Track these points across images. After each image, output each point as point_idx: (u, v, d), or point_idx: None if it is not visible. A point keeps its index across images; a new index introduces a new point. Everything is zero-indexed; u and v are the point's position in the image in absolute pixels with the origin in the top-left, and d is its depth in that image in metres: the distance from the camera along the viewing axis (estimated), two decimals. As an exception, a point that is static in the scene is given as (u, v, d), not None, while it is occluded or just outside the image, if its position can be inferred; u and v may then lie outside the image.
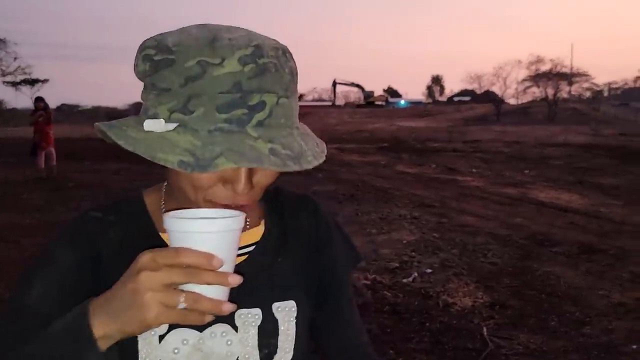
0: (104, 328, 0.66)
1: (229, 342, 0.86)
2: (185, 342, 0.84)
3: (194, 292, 0.65)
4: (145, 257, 0.66)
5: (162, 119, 0.73)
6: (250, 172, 0.78)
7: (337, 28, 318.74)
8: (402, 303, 4.63)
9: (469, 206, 8.93)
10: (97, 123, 0.78)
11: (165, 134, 0.72)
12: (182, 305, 0.65)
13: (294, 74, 0.79)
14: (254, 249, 0.93)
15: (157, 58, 0.74)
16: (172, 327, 0.83)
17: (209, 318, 0.67)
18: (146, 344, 0.83)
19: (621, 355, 3.73)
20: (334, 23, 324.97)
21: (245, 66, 0.72)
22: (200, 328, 0.85)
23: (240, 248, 0.90)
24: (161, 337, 0.83)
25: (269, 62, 0.74)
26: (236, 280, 0.67)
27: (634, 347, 3.83)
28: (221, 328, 0.86)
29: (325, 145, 0.84)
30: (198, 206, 0.79)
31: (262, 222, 0.96)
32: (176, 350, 0.83)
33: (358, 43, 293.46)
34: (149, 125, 0.73)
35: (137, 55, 0.78)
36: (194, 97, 0.71)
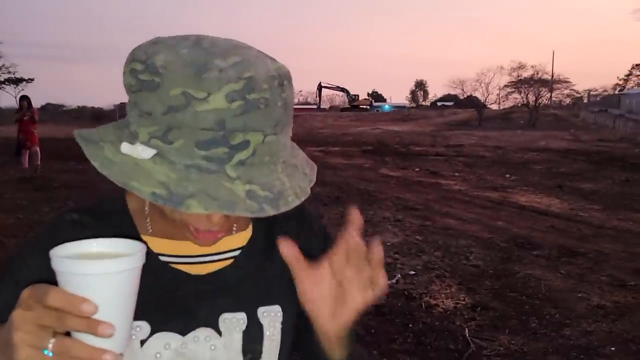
0: None
1: (212, 347, 0.84)
2: (167, 346, 0.82)
3: (65, 339, 0.60)
4: (24, 293, 0.61)
5: (139, 146, 0.69)
6: None
7: (322, 31, 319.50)
8: (386, 304, 4.63)
9: (452, 209, 8.99)
10: (76, 131, 0.74)
11: (141, 162, 0.68)
12: (49, 353, 0.60)
13: (288, 105, 0.74)
14: (240, 253, 0.90)
15: (142, 77, 0.69)
16: (154, 330, 0.81)
17: None
18: (127, 347, 0.79)
19: (600, 357, 3.78)
20: (320, 26, 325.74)
21: (232, 103, 0.67)
22: (184, 332, 0.83)
23: (227, 252, 0.89)
24: (143, 342, 0.81)
25: (260, 97, 0.69)
26: (107, 331, 0.59)
27: (613, 349, 3.87)
28: (205, 332, 0.84)
29: (315, 169, 0.80)
30: (172, 220, 0.77)
31: (250, 226, 0.94)
32: (158, 355, 0.82)
33: (343, 47, 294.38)
34: (127, 149, 0.70)
35: (125, 63, 0.73)
36: (175, 128, 0.68)
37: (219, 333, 0.84)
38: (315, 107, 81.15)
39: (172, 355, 0.82)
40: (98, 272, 0.61)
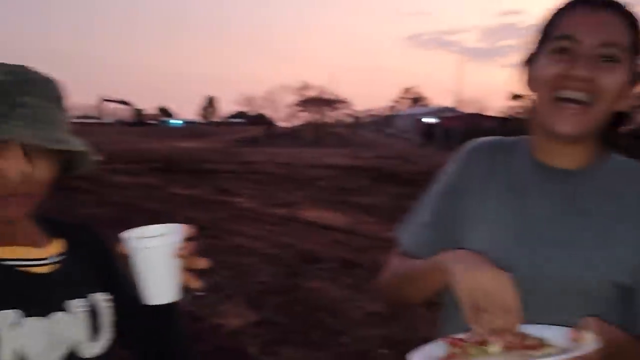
0: None
1: (62, 325, 1.01)
2: (24, 326, 0.96)
3: None
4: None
5: None
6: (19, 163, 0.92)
7: (105, 43, 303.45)
8: (172, 329, 4.56)
9: (242, 227, 9.14)
10: None
11: None
12: None
13: (59, 93, 0.99)
14: (64, 258, 1.10)
15: None
16: (17, 316, 0.96)
17: None
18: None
19: (373, 359, 4.15)
20: (102, 38, 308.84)
21: (8, 75, 0.91)
22: (44, 313, 0.99)
23: (51, 257, 1.08)
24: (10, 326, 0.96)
25: (33, 76, 0.94)
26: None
27: (386, 351, 4.28)
28: (58, 315, 1.01)
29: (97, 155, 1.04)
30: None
31: (54, 240, 1.12)
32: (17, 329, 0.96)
33: (129, 60, 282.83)
34: None
35: None
36: None
37: (68, 314, 1.03)
38: (96, 121, 76.69)
39: (29, 331, 0.96)
40: (150, 245, 0.95)
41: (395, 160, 25.80)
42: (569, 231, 1.03)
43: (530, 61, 1.11)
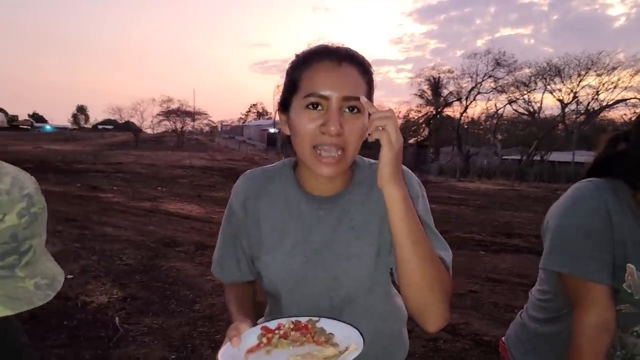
0: None
1: None
2: None
3: None
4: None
5: None
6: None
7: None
8: (42, 308, 4.16)
9: (110, 219, 8.58)
10: None
11: None
12: None
13: (45, 209, 0.84)
14: None
15: None
16: None
17: None
18: None
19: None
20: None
21: (22, 218, 0.74)
22: None
23: None
24: None
25: (37, 210, 0.77)
26: None
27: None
28: None
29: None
30: None
31: None
32: None
33: (2, 71, 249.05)
34: None
35: None
36: None
37: None
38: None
39: None
40: None
41: (244, 162, 25.76)
42: (346, 243, 1.11)
43: (284, 107, 1.07)
